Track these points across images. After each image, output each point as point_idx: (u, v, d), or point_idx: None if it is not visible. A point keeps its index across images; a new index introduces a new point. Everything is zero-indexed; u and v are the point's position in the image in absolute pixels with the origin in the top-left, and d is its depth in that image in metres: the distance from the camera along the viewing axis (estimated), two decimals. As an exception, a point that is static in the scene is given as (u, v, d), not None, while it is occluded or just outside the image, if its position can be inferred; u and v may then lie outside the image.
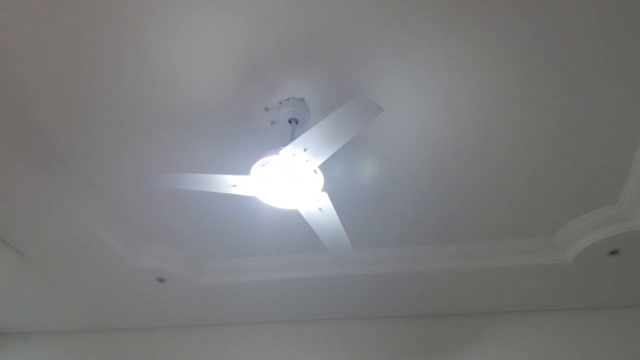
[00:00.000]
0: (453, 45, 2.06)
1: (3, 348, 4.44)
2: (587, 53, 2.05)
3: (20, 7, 1.98)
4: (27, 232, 3.06)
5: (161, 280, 3.53)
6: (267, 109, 2.37)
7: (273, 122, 2.42)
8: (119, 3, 1.96)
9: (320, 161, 2.05)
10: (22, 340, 4.45)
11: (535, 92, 2.24)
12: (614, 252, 2.95)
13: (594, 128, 2.38)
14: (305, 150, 1.99)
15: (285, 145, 2.01)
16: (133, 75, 2.26)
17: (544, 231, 3.07)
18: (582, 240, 2.95)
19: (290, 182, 2.12)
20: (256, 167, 2.10)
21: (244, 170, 2.25)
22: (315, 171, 2.10)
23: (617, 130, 2.39)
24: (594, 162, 2.56)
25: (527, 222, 3.00)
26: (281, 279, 3.45)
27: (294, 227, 3.11)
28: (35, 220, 2.95)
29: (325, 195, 2.22)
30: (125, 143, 2.62)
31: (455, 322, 3.67)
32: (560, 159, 2.56)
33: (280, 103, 2.34)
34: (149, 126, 2.52)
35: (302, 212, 2.32)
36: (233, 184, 2.21)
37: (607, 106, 2.27)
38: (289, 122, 2.31)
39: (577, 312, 3.51)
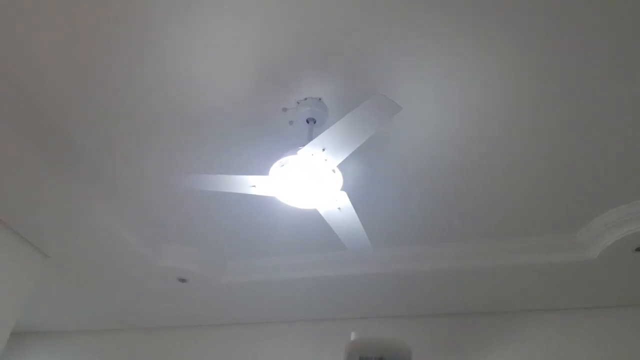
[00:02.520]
0: (468, 44, 2.04)
1: (28, 347, 4.53)
2: (606, 47, 2.02)
3: (42, 15, 2.02)
4: (52, 234, 3.12)
5: (183, 280, 3.56)
6: (285, 109, 2.37)
7: (291, 122, 2.42)
8: (139, 8, 1.99)
9: (338, 161, 2.05)
10: (47, 340, 4.54)
11: (553, 90, 2.21)
12: (639, 249, 2.90)
13: (618, 122, 2.34)
14: (323, 150, 2.00)
15: (303, 145, 2.01)
16: (154, 80, 2.29)
17: (567, 228, 3.02)
18: (607, 237, 2.90)
19: (309, 181, 2.12)
20: (275, 168, 2.11)
21: (263, 170, 2.27)
22: (334, 170, 2.10)
23: (641, 125, 2.35)
24: (616, 157, 2.52)
25: (550, 219, 2.96)
26: (301, 278, 3.46)
27: (313, 226, 3.11)
28: (59, 223, 3.00)
29: (344, 194, 2.22)
30: (147, 146, 2.66)
31: (476, 321, 3.64)
32: (582, 155, 2.52)
33: (297, 103, 2.34)
34: (169, 129, 2.54)
35: (321, 212, 2.32)
36: (253, 185, 2.22)
37: (630, 100, 2.23)
38: (307, 122, 2.31)
39: (601, 310, 3.44)
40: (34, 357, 4.49)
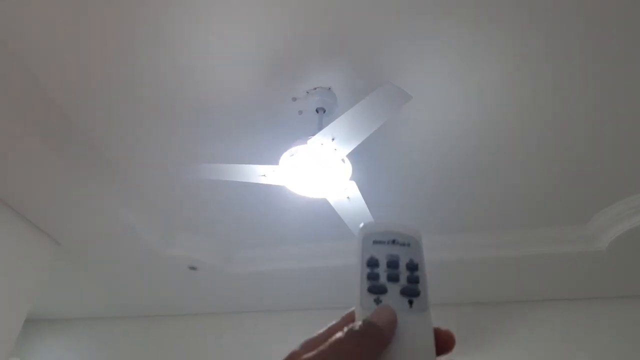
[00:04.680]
0: (485, 31, 2.02)
1: (40, 335, 4.60)
2: (623, 40, 2.00)
3: (56, 9, 2.03)
4: (64, 222, 3.16)
5: (193, 268, 3.60)
6: (294, 99, 2.38)
7: (301, 112, 2.43)
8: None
9: (348, 150, 2.05)
10: (58, 327, 4.61)
11: (571, 80, 2.19)
12: (649, 240, 2.89)
13: (629, 115, 2.32)
14: (333, 139, 2.00)
15: (313, 135, 2.02)
16: (164, 71, 2.29)
17: (578, 219, 3.01)
18: (617, 227, 2.89)
19: (318, 171, 2.13)
20: (285, 157, 2.12)
21: (272, 160, 2.27)
22: (343, 160, 2.11)
23: (653, 115, 2.33)
24: (626, 149, 2.50)
25: (560, 210, 2.95)
26: (310, 267, 3.48)
27: (323, 215, 3.12)
28: (71, 211, 3.04)
29: (353, 184, 2.23)
30: (157, 135, 2.67)
31: (489, 311, 3.65)
32: (592, 147, 2.51)
33: (307, 93, 2.34)
34: (179, 119, 2.56)
35: (331, 201, 2.34)
36: (262, 174, 2.24)
37: (643, 90, 2.21)
38: (317, 111, 2.32)
39: (611, 300, 3.44)
40: (46, 344, 4.56)
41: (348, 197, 2.30)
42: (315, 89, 2.32)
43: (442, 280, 3.48)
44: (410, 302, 0.49)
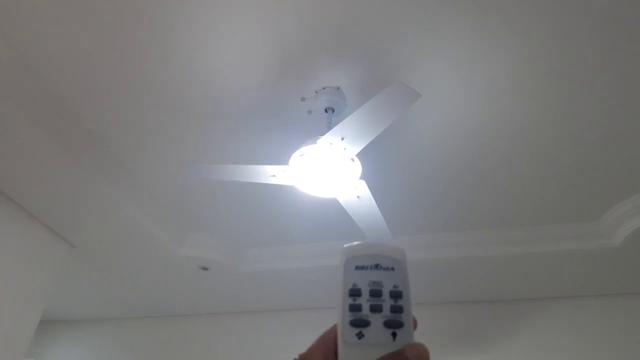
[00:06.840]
0: (494, 27, 2.02)
1: (54, 335, 4.65)
2: (634, 35, 1.98)
3: (66, 8, 2.05)
4: (78, 225, 3.19)
5: (205, 268, 3.62)
6: (303, 99, 2.38)
7: (310, 112, 2.43)
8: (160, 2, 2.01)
9: (357, 149, 2.05)
10: (73, 328, 4.66)
11: (581, 76, 2.17)
12: (663, 235, 2.86)
13: (639, 110, 2.30)
14: (342, 139, 2.00)
15: (322, 135, 2.02)
16: (173, 72, 2.31)
17: (590, 215, 2.99)
18: (630, 223, 2.87)
19: (328, 170, 2.13)
20: (294, 157, 2.12)
21: (282, 160, 2.28)
22: (352, 159, 2.11)
23: (666, 109, 2.30)
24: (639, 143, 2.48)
25: (572, 206, 2.93)
26: (321, 266, 3.48)
27: (333, 215, 3.13)
28: (85, 213, 3.07)
29: (363, 183, 2.23)
30: (168, 136, 2.69)
31: (501, 308, 3.63)
32: (605, 141, 2.49)
33: (316, 92, 2.35)
34: (190, 119, 2.57)
35: (341, 201, 2.34)
36: (272, 174, 2.24)
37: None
38: (326, 111, 2.32)
39: (626, 296, 3.41)
40: (61, 345, 4.61)
41: (358, 196, 2.30)
42: (324, 88, 2.32)
43: (450, 278, 3.47)
44: (394, 335, 0.48)
